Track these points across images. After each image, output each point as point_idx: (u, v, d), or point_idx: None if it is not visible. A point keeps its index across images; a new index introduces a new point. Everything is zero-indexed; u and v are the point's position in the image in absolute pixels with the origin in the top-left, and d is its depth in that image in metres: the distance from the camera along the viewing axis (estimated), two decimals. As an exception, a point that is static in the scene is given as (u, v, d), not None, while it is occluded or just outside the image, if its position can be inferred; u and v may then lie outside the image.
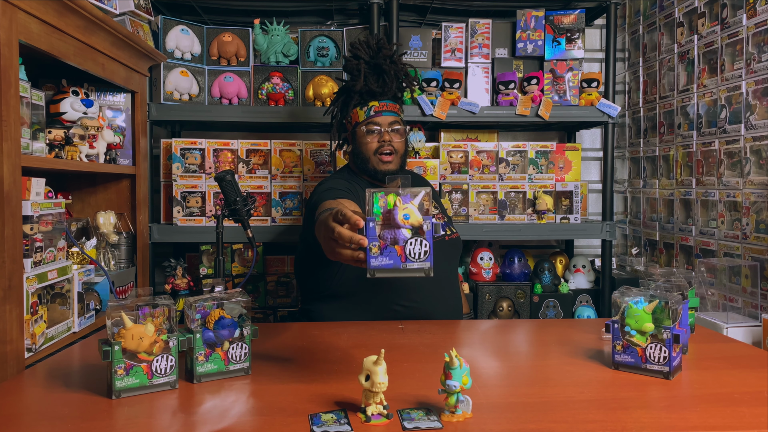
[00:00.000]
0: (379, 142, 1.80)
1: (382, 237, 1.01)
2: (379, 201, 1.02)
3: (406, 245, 1.01)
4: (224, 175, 1.56)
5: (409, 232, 1.01)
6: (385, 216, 1.02)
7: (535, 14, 2.57)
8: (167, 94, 2.44)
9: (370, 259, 1.01)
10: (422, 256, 1.02)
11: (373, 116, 1.80)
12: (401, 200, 1.02)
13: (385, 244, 1.01)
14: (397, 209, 1.01)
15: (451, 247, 1.85)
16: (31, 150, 1.55)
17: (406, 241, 1.01)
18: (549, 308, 2.61)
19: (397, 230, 1.01)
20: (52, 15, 1.57)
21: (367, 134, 1.80)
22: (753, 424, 0.95)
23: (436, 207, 1.92)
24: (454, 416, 0.96)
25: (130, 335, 1.07)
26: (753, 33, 2.10)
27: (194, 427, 0.96)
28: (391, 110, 1.83)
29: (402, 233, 1.01)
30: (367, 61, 1.81)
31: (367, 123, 1.81)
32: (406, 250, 1.01)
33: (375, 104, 1.81)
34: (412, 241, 1.01)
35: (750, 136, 2.11)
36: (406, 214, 1.01)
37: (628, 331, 1.19)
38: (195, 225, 2.41)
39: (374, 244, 1.00)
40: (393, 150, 1.81)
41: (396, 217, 1.00)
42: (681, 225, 2.55)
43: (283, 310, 2.55)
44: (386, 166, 1.80)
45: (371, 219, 1.01)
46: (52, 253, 1.61)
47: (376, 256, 1.01)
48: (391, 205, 1.01)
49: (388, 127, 1.81)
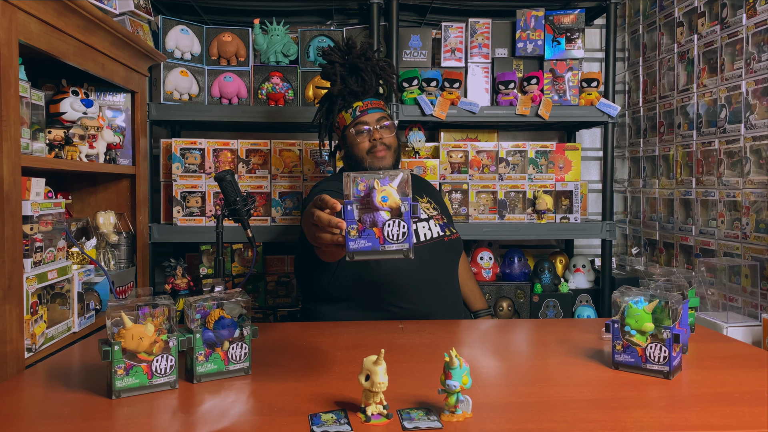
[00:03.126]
0: (371, 142, 1.79)
1: (362, 220, 1.01)
2: (360, 185, 1.02)
3: (384, 227, 1.01)
4: (224, 175, 1.56)
5: (388, 214, 1.01)
6: (364, 199, 1.02)
7: (534, 14, 2.57)
8: (167, 94, 2.44)
9: (348, 241, 1.00)
10: (400, 238, 1.01)
11: (359, 116, 1.80)
12: (379, 183, 1.02)
13: (363, 226, 1.00)
14: (375, 191, 1.01)
15: (450, 248, 1.85)
16: (31, 150, 1.55)
17: (384, 222, 1.00)
18: (549, 308, 2.62)
19: (376, 213, 1.01)
20: (52, 15, 1.57)
21: (357, 135, 1.80)
22: (753, 424, 0.95)
23: (435, 208, 1.92)
24: (454, 416, 0.96)
25: (130, 335, 1.07)
26: (753, 33, 2.10)
27: (194, 427, 0.96)
28: (376, 107, 1.82)
29: (381, 215, 1.01)
30: (342, 63, 1.80)
31: (355, 124, 1.80)
32: (384, 232, 1.01)
33: (359, 104, 1.81)
34: (390, 222, 1.01)
35: (750, 135, 2.11)
36: (384, 196, 1.01)
37: (628, 331, 1.19)
38: (195, 225, 2.41)
39: (352, 226, 1.00)
40: (385, 146, 1.80)
41: (374, 199, 1.01)
42: (681, 225, 2.55)
43: (283, 310, 2.54)
44: (381, 162, 1.79)
45: (349, 202, 1.01)
46: (52, 253, 1.61)
47: (354, 239, 1.00)
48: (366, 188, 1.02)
49: (376, 124, 1.80)
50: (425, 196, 1.93)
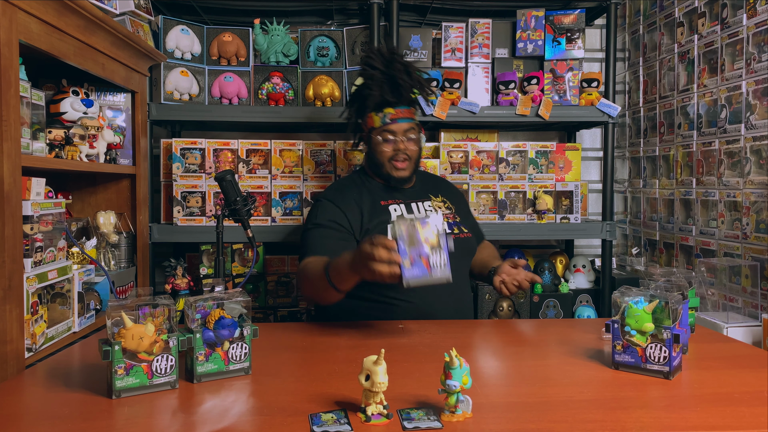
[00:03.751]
0: (394, 150, 1.83)
1: (410, 254, 1.30)
2: (402, 228, 1.31)
3: (429, 258, 1.30)
4: (224, 175, 1.56)
5: (430, 248, 1.31)
6: (408, 238, 1.31)
7: (535, 14, 2.57)
8: (167, 93, 2.44)
9: (404, 271, 1.28)
10: (443, 266, 1.31)
11: (388, 123, 1.82)
12: (420, 224, 1.32)
13: (414, 258, 1.29)
14: (418, 231, 1.31)
15: (460, 246, 1.84)
16: (31, 150, 1.55)
17: (428, 255, 1.30)
18: (549, 308, 2.61)
19: (421, 247, 1.30)
20: (52, 15, 1.57)
21: (383, 142, 1.83)
22: (753, 424, 0.95)
23: (449, 208, 1.93)
24: (454, 416, 0.96)
25: (130, 335, 1.07)
26: (753, 33, 2.10)
27: (194, 426, 0.96)
28: (406, 116, 1.84)
29: (425, 249, 1.30)
30: (382, 71, 1.81)
31: (382, 131, 1.83)
32: (431, 262, 1.30)
33: (390, 111, 1.82)
34: (433, 254, 1.30)
35: (750, 135, 2.11)
36: (426, 235, 1.31)
37: (628, 331, 1.19)
38: (195, 225, 2.41)
39: (405, 260, 1.29)
40: (407, 157, 1.84)
41: (419, 237, 1.30)
42: (681, 225, 2.55)
43: (283, 310, 2.55)
44: (400, 173, 1.85)
45: (400, 241, 1.30)
46: (52, 253, 1.61)
47: (409, 269, 1.29)
48: (408, 231, 1.31)
49: (403, 135, 1.83)
50: (440, 195, 1.96)
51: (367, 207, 1.81)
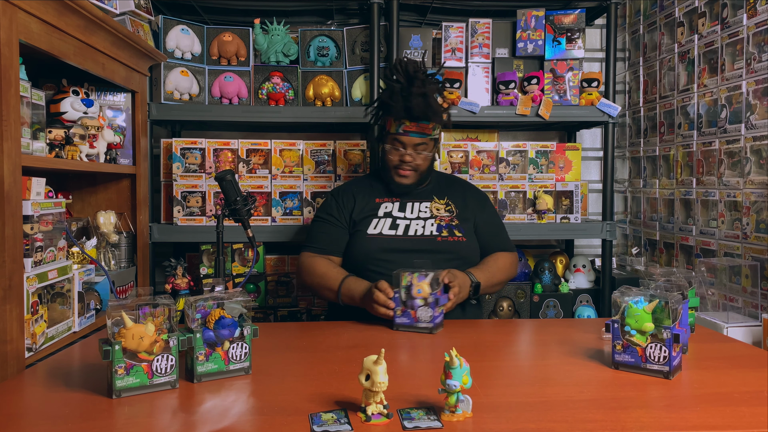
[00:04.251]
0: (400, 160, 1.87)
1: (405, 303, 1.54)
2: (406, 278, 1.55)
3: (417, 310, 1.53)
4: (224, 174, 1.56)
5: (422, 301, 1.53)
6: (407, 290, 1.54)
7: (535, 14, 2.57)
8: (167, 93, 2.44)
9: (395, 317, 1.56)
10: (428, 319, 1.53)
11: (401, 134, 1.84)
12: (417, 279, 1.53)
13: (404, 308, 1.55)
14: (413, 285, 1.53)
15: (441, 248, 1.82)
16: (32, 150, 1.55)
17: (417, 307, 1.53)
18: (549, 308, 2.62)
19: (414, 300, 1.53)
20: (52, 15, 1.57)
21: (392, 149, 1.88)
22: (753, 424, 0.95)
23: (449, 211, 1.92)
24: (454, 416, 0.96)
25: (130, 335, 1.07)
26: (753, 33, 2.10)
27: (194, 426, 0.96)
28: (421, 131, 1.84)
29: (416, 302, 1.53)
30: (401, 88, 1.80)
31: (394, 139, 1.86)
32: (417, 314, 1.54)
33: (406, 123, 1.83)
34: (422, 308, 1.53)
35: (750, 135, 2.11)
36: (420, 289, 1.53)
37: (628, 331, 1.19)
38: (195, 225, 2.41)
39: (398, 308, 1.55)
40: (413, 168, 1.87)
41: (412, 291, 1.53)
42: (681, 225, 2.55)
43: (283, 310, 2.55)
44: (401, 180, 1.89)
45: (397, 292, 1.55)
46: (52, 253, 1.61)
47: (399, 316, 1.55)
48: (409, 282, 1.55)
49: (413, 148, 1.86)
50: (446, 197, 1.96)
51: (361, 202, 1.92)
